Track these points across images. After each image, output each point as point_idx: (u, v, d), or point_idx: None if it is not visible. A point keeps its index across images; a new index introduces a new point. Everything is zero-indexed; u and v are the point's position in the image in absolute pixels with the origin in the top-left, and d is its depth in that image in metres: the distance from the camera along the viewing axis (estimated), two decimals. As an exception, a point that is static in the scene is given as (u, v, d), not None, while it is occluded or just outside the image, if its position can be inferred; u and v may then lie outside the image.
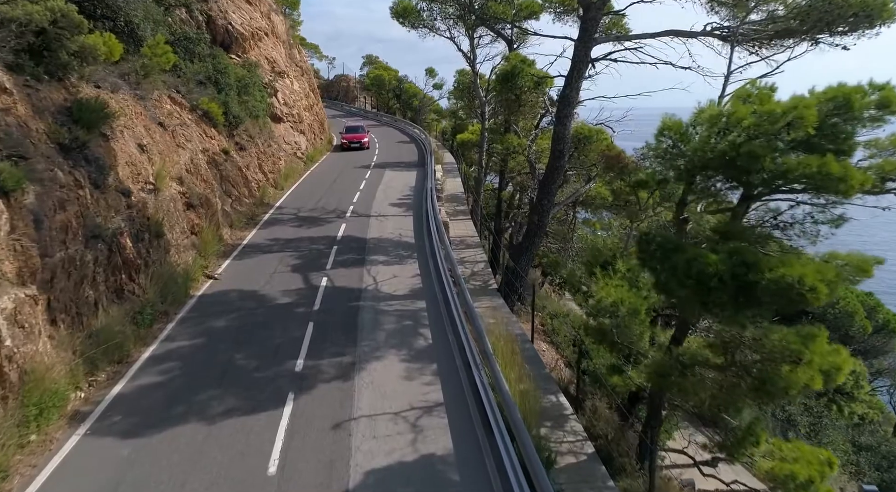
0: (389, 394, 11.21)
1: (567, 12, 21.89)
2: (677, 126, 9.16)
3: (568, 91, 16.92)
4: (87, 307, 12.15)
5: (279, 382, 11.48)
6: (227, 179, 23.53)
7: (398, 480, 8.84)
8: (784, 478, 8.91)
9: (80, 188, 12.55)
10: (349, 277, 17.40)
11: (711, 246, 8.75)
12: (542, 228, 17.57)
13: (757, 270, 7.71)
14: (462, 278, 16.00)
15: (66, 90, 14.00)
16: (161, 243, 15.66)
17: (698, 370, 8.96)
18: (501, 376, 10.44)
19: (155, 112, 18.97)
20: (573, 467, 9.56)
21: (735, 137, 8.45)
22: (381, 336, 13.68)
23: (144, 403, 10.67)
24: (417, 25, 26.46)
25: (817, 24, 14.21)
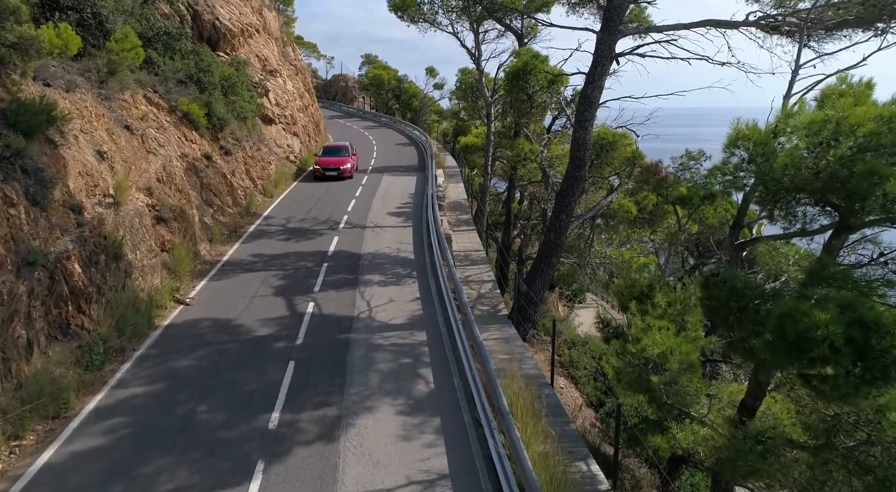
0: (382, 461, 9.09)
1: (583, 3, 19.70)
2: (756, 134, 7.05)
3: (589, 90, 14.79)
4: (17, 351, 10.03)
5: (247, 445, 9.35)
6: (208, 187, 21.42)
7: None
8: None
9: (12, 206, 10.44)
10: (339, 302, 15.27)
11: (801, 292, 6.67)
12: (560, 247, 15.41)
13: (879, 330, 5.59)
14: (468, 305, 13.91)
15: (4, 88, 11.90)
16: (120, 266, 13.54)
17: (785, 455, 6.87)
18: (521, 446, 8.32)
19: (122, 114, 16.86)
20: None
21: (842, 150, 6.35)
22: (375, 379, 11.56)
23: (75, 478, 8.53)
24: (417, 19, 24.39)
25: (879, 14, 12.07)
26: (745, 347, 6.64)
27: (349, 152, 32.50)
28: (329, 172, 30.46)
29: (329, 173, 30.45)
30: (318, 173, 30.62)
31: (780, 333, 5.98)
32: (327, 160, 31.06)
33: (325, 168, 30.51)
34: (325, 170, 30.53)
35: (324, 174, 30.45)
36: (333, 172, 30.42)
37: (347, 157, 31.81)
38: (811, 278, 6.86)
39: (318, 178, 30.50)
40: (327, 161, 30.95)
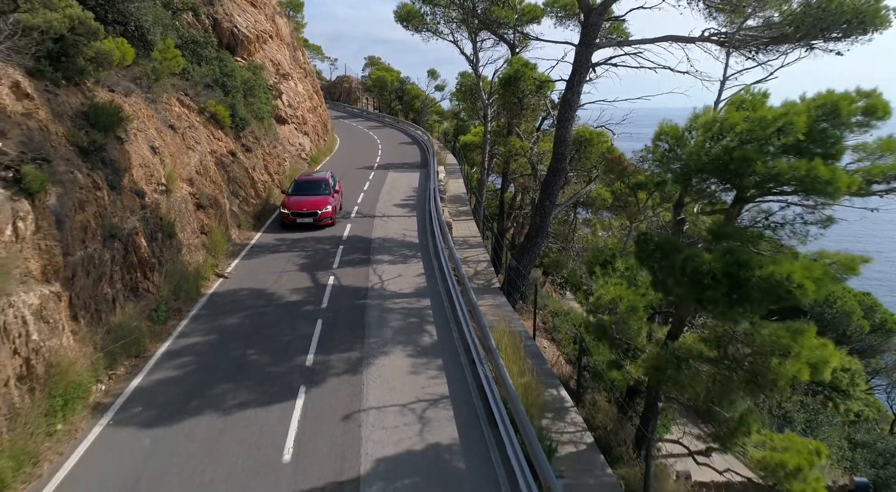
0: (397, 387, 11.65)
1: (568, 17, 22.33)
2: (674, 131, 9.61)
3: (569, 95, 17.35)
4: (106, 304, 12.60)
5: (290, 376, 11.92)
6: (234, 180, 23.97)
7: (407, 468, 9.27)
8: (775, 466, 9.34)
9: (98, 190, 13.00)
10: (355, 277, 17.84)
11: (706, 246, 9.18)
12: (545, 229, 18.00)
13: (748, 268, 8.14)
14: (466, 277, 16.44)
15: (83, 94, 14.45)
16: (173, 243, 16.11)
17: (693, 364, 9.39)
18: (505, 371, 10.88)
19: (165, 115, 19.43)
20: (573, 456, 10.00)
21: (728, 141, 8.89)
22: (388, 333, 14.12)
23: (162, 396, 11.11)
24: (421, 29, 26.94)
25: (811, 31, 14.64)
26: (664, 284, 9.12)
27: (330, 189, 23.70)
28: (302, 219, 22.32)
29: (302, 220, 22.33)
30: (288, 219, 22.41)
31: (683, 271, 8.47)
32: (299, 201, 22.77)
33: (297, 213, 22.31)
34: (297, 215, 22.31)
35: (294, 222, 22.32)
36: (307, 218, 22.33)
37: (327, 196, 23.23)
38: (714, 236, 9.38)
39: (287, 225, 22.53)
40: (299, 203, 22.68)
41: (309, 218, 22.46)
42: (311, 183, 24.26)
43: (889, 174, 8.97)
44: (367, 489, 8.75)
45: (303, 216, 22.39)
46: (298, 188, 23.92)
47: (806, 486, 9.24)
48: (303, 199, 22.99)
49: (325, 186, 23.92)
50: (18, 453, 8.71)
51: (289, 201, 22.98)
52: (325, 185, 24.02)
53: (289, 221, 22.49)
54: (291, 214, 22.42)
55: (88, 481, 8.73)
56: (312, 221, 22.44)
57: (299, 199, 23.04)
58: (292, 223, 22.45)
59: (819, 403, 22.89)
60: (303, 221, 22.35)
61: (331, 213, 22.91)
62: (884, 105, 8.79)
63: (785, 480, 9.33)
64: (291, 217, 22.43)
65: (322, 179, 24.54)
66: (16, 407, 9.27)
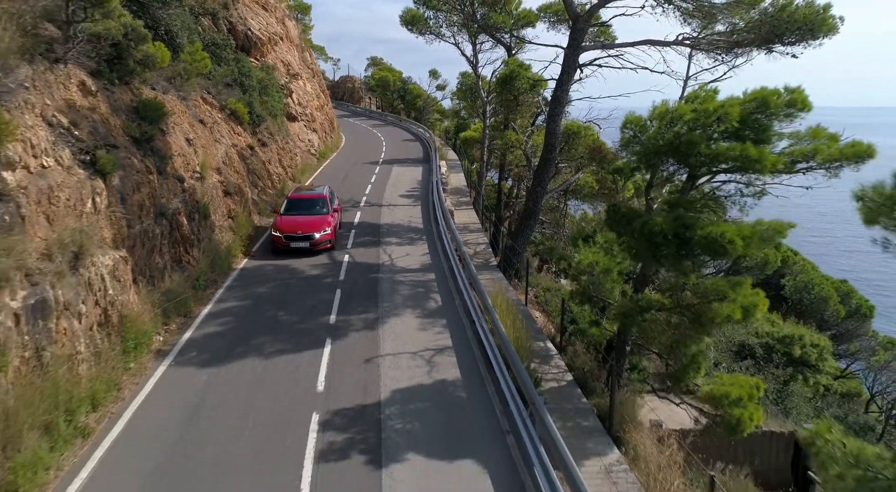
0: (408, 340, 13.74)
1: (560, 22, 24.38)
2: (637, 120, 11.68)
3: (559, 93, 19.43)
4: (158, 272, 14.70)
5: (317, 332, 14.01)
6: (253, 171, 26.07)
7: (418, 396, 11.36)
8: (720, 396, 11.43)
9: (150, 174, 15.10)
10: (367, 255, 19.93)
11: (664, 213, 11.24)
12: (537, 212, 20.11)
13: (692, 228, 10.22)
14: (466, 254, 18.52)
15: (132, 92, 16.55)
16: (208, 223, 18.20)
17: (654, 313, 11.46)
18: (499, 322, 12.97)
19: (195, 111, 21.51)
20: (555, 390, 12.08)
21: (679, 128, 10.96)
22: (399, 299, 16.22)
23: (211, 345, 13.20)
24: (425, 32, 28.98)
25: (769, 36, 16.72)
26: (628, 244, 11.16)
27: (328, 207, 20.88)
28: (296, 243, 19.42)
29: (296, 244, 19.43)
30: (280, 243, 19.49)
31: (641, 232, 10.51)
32: (293, 222, 19.83)
33: (290, 236, 19.42)
34: (290, 239, 19.42)
35: (288, 246, 19.44)
36: (302, 242, 19.43)
37: (326, 216, 20.39)
38: (669, 206, 11.44)
39: (278, 252, 19.62)
40: (293, 224, 19.74)
41: (304, 242, 19.35)
42: (306, 201, 21.10)
43: (808, 155, 11.05)
44: (388, 410, 10.83)
45: (297, 240, 19.35)
46: (292, 206, 20.75)
47: (744, 412, 11.33)
48: (297, 219, 19.91)
49: (322, 205, 20.89)
50: (106, 381, 10.80)
51: (281, 222, 19.79)
52: (322, 203, 20.98)
53: (281, 246, 19.43)
54: (284, 237, 19.32)
55: (163, 403, 10.81)
56: (308, 246, 19.38)
57: (293, 219, 19.88)
58: (285, 248, 19.42)
59: (789, 375, 24.91)
60: (297, 245, 19.38)
61: (330, 235, 19.94)
62: (803, 99, 10.87)
63: (728, 407, 11.42)
64: (284, 241, 19.34)
65: (319, 196, 21.40)
66: (99, 347, 11.36)
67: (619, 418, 11.11)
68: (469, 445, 9.91)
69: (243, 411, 10.61)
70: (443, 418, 10.66)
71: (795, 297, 34.66)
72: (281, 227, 19.71)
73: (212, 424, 10.20)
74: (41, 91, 12.36)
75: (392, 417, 10.64)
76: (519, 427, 10.11)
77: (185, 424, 10.21)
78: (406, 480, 8.98)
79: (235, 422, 10.28)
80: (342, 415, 10.62)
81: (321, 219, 20.20)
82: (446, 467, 9.36)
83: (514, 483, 9.08)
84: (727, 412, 11.38)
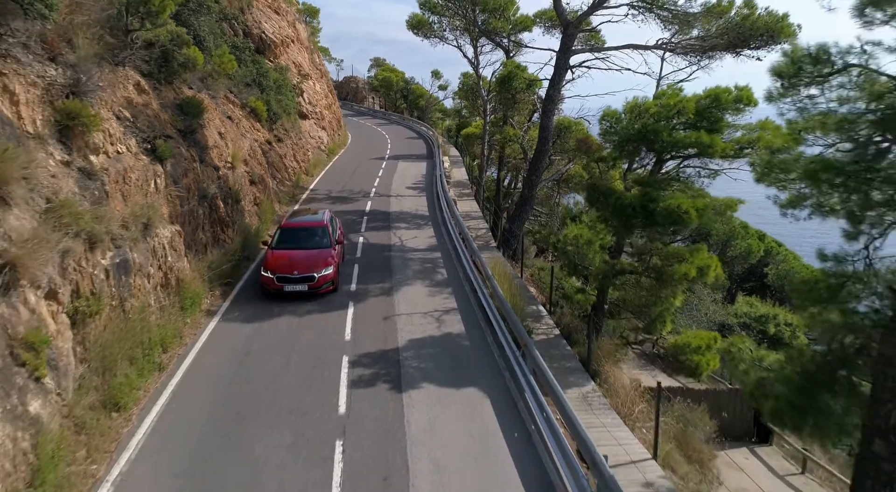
0: (419, 303, 15.99)
1: (554, 27, 26.54)
2: (613, 113, 13.93)
3: (552, 92, 21.68)
4: (202, 247, 16.95)
5: (341, 297, 16.25)
6: (272, 164, 28.31)
7: (429, 344, 13.62)
8: (683, 345, 13.69)
9: (194, 162, 17.35)
10: (380, 237, 22.19)
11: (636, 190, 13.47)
12: (532, 198, 22.38)
13: (655, 202, 12.47)
14: (469, 234, 20.77)
15: (174, 91, 18.80)
16: (239, 208, 20.45)
17: (627, 276, 13.71)
18: (497, 286, 15.22)
19: (223, 108, 23.76)
20: (545, 341, 14.32)
21: (645, 120, 13.20)
22: (409, 273, 18.47)
23: (251, 307, 15.43)
24: (429, 36, 31.22)
25: (736, 41, 18.97)
26: (605, 217, 13.36)
27: (330, 238, 17.13)
28: (292, 287, 15.60)
29: (291, 288, 15.59)
30: (272, 286, 15.65)
31: (615, 205, 12.72)
32: (288, 260, 16.05)
33: (284, 278, 15.61)
34: (285, 280, 15.61)
35: (281, 290, 15.61)
36: (299, 284, 15.60)
37: (327, 249, 16.70)
38: (638, 184, 13.66)
39: (271, 292, 15.75)
40: (288, 262, 15.98)
41: (301, 284, 15.49)
42: (303, 231, 17.32)
43: (753, 142, 13.30)
44: (405, 353, 13.08)
45: (293, 282, 15.44)
46: (286, 238, 16.98)
47: (702, 358, 13.59)
48: (293, 255, 16.11)
49: (323, 235, 17.10)
50: (171, 330, 13.07)
51: (272, 259, 16.04)
52: (322, 233, 17.16)
53: (272, 289, 15.52)
54: (276, 278, 15.44)
55: (218, 348, 13.06)
56: (307, 289, 15.53)
57: (287, 255, 16.12)
58: (278, 291, 15.50)
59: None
60: (292, 289, 15.44)
61: (332, 275, 16.00)
62: (749, 95, 13.12)
63: (689, 354, 13.69)
64: (276, 283, 15.44)
65: (319, 224, 17.58)
66: (162, 303, 13.61)
67: (597, 359, 13.35)
68: (472, 378, 12.16)
69: (286, 355, 12.85)
70: (450, 360, 12.92)
71: (778, 283, 36.93)
72: (273, 265, 15.67)
73: (261, 363, 12.44)
74: (109, 90, 14.61)
75: (408, 358, 12.89)
76: (513, 364, 12.37)
77: (239, 363, 12.46)
78: (423, 400, 11.22)
79: (280, 362, 12.52)
80: (367, 357, 12.88)
81: (321, 255, 16.28)
82: (454, 392, 11.60)
83: (508, 404, 11.32)
84: (689, 358, 13.64)
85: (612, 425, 10.99)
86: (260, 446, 9.56)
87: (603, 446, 9.00)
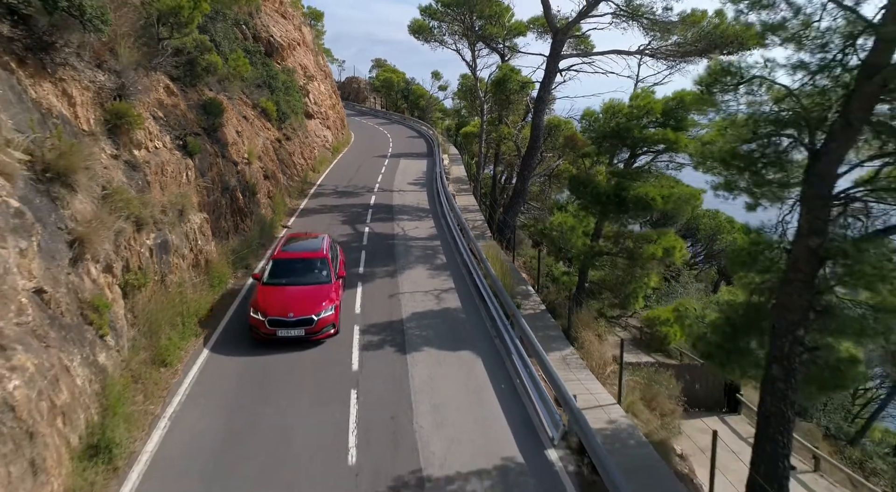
0: (420, 283, 17.84)
1: (546, 32, 28.34)
2: (591, 113, 15.77)
3: (542, 93, 23.51)
4: (224, 233, 18.80)
5: (350, 277, 18.06)
6: (282, 161, 30.15)
7: (429, 316, 15.45)
8: (654, 317, 15.53)
9: (217, 157, 19.20)
10: (384, 227, 24.03)
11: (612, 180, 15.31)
12: (525, 191, 24.25)
13: (627, 190, 14.30)
14: (466, 224, 22.61)
15: (198, 93, 20.64)
16: (255, 200, 22.30)
17: (604, 258, 15.56)
18: (491, 267, 17.07)
19: (239, 108, 25.60)
20: (532, 315, 16.16)
21: (619, 119, 15.04)
22: (412, 258, 20.32)
23: (271, 285, 17.24)
24: (430, 40, 33.07)
25: (709, 48, 20.79)
26: (584, 204, 15.17)
27: (329, 270, 14.82)
28: (286, 332, 13.16)
29: (285, 333, 13.16)
30: (263, 331, 13.20)
31: (592, 193, 14.53)
32: (281, 299, 13.62)
33: (277, 321, 13.16)
34: (278, 324, 13.17)
35: (273, 335, 13.16)
36: (295, 330, 13.18)
37: (327, 285, 14.34)
38: (613, 175, 15.48)
39: (262, 340, 13.28)
40: (281, 302, 13.51)
41: (297, 329, 13.14)
42: (299, 262, 15.00)
43: (713, 138, 15.10)
44: (408, 324, 14.92)
45: (287, 326, 13.09)
46: (279, 271, 14.69)
47: (670, 329, 15.43)
48: (287, 293, 13.88)
49: (322, 267, 14.84)
50: (203, 304, 14.90)
51: (263, 297, 13.67)
52: (322, 264, 14.91)
53: (264, 334, 13.13)
54: (268, 321, 13.08)
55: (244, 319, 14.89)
56: (304, 335, 13.16)
57: (281, 293, 13.87)
58: (270, 337, 13.13)
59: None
60: (287, 334, 13.09)
61: (334, 317, 13.64)
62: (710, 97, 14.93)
63: (659, 325, 15.53)
64: (267, 327, 13.09)
65: (317, 254, 15.24)
66: (194, 281, 15.45)
67: (576, 328, 15.20)
68: (466, 343, 14.01)
69: (304, 324, 14.65)
70: (448, 329, 14.77)
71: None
72: (264, 306, 13.28)
73: (283, 330, 14.26)
74: (145, 93, 16.44)
75: (411, 327, 14.74)
76: (503, 333, 14.22)
77: (264, 330, 14.27)
78: (424, 360, 13.07)
79: (299, 330, 14.33)
80: (375, 326, 14.72)
81: (321, 292, 13.95)
82: (451, 354, 13.46)
83: (498, 364, 13.17)
84: (658, 329, 15.47)
85: (585, 379, 12.82)
86: (286, 396, 11.40)
87: (576, 395, 10.82)
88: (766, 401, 8.55)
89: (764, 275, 8.78)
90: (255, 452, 9.65)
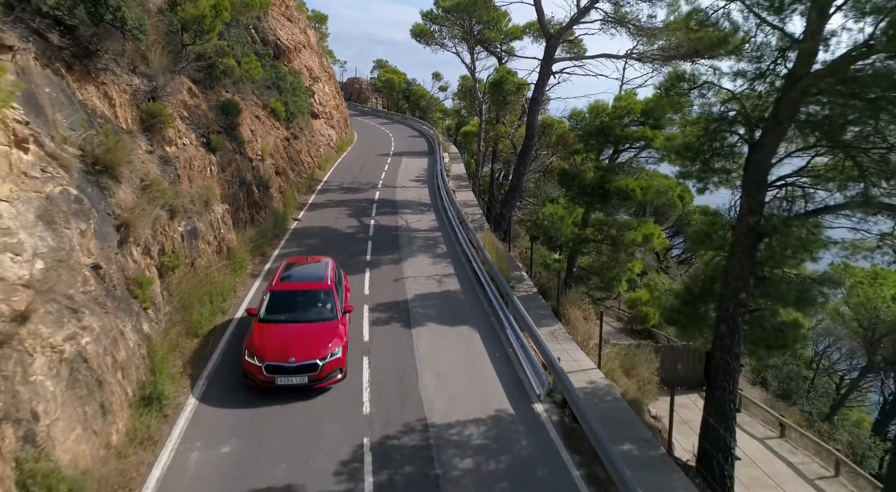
0: (423, 269, 19.44)
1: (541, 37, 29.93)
2: (578, 113, 17.36)
3: (537, 94, 25.10)
4: (242, 224, 20.39)
5: (360, 265, 19.69)
6: (291, 158, 31.75)
7: (431, 297, 17.05)
8: (635, 299, 17.11)
9: (235, 154, 20.79)
10: (388, 220, 25.64)
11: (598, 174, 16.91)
12: (520, 186, 25.86)
13: (610, 182, 15.89)
14: (465, 217, 24.21)
15: (216, 95, 22.23)
16: (269, 194, 23.90)
17: (590, 245, 17.15)
18: (487, 254, 18.66)
19: (251, 109, 27.20)
20: (525, 296, 17.75)
21: (603, 118, 16.63)
22: (414, 247, 21.92)
23: (286, 271, 18.85)
24: (431, 43, 34.67)
25: (689, 52, 22.36)
26: (572, 195, 16.73)
27: (335, 306, 13.01)
28: (286, 379, 11.39)
29: (285, 381, 11.38)
30: (260, 378, 11.38)
31: (579, 185, 16.10)
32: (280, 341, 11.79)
33: (275, 367, 11.37)
34: (277, 371, 11.38)
35: (272, 383, 11.36)
36: (296, 377, 11.41)
37: (333, 323, 12.49)
38: (598, 169, 17.05)
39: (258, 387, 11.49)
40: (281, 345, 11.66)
41: (299, 376, 11.43)
42: (300, 295, 13.35)
43: (688, 135, 16.71)
44: (412, 304, 16.52)
45: (287, 373, 11.39)
46: (278, 306, 12.98)
47: (650, 310, 17.01)
48: (287, 332, 12.16)
49: (327, 299, 13.22)
50: (227, 286, 16.49)
51: (259, 337, 11.93)
52: (326, 297, 13.28)
53: (262, 381, 11.41)
54: (265, 367, 11.36)
55: (265, 299, 16.49)
56: (307, 382, 11.44)
57: (280, 333, 12.11)
58: (267, 385, 11.41)
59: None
60: (287, 382, 11.40)
61: (341, 360, 11.84)
62: (684, 99, 16.53)
63: (640, 306, 17.11)
64: (265, 374, 11.38)
65: (321, 285, 13.60)
66: (218, 266, 17.04)
67: (564, 307, 16.80)
68: (465, 319, 15.60)
69: (318, 304, 16.23)
70: (448, 308, 16.36)
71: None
72: (260, 347, 11.59)
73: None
74: (172, 94, 18.04)
75: (415, 307, 16.33)
76: (498, 311, 15.81)
77: (282, 309, 15.84)
78: (427, 334, 14.65)
79: (314, 308, 15.90)
80: (383, 305, 16.32)
81: (326, 330, 12.24)
82: (451, 328, 15.05)
83: (493, 337, 14.75)
84: (640, 310, 17.06)
85: (570, 349, 14.41)
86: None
87: (561, 361, 12.37)
88: (716, 355, 10.11)
89: (719, 251, 10.33)
90: (280, 403, 11.22)
